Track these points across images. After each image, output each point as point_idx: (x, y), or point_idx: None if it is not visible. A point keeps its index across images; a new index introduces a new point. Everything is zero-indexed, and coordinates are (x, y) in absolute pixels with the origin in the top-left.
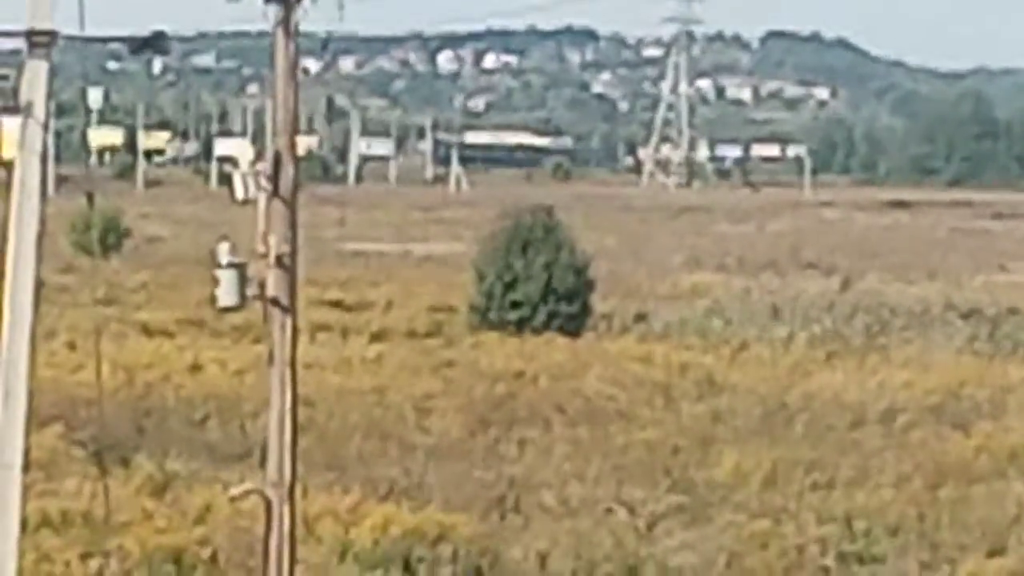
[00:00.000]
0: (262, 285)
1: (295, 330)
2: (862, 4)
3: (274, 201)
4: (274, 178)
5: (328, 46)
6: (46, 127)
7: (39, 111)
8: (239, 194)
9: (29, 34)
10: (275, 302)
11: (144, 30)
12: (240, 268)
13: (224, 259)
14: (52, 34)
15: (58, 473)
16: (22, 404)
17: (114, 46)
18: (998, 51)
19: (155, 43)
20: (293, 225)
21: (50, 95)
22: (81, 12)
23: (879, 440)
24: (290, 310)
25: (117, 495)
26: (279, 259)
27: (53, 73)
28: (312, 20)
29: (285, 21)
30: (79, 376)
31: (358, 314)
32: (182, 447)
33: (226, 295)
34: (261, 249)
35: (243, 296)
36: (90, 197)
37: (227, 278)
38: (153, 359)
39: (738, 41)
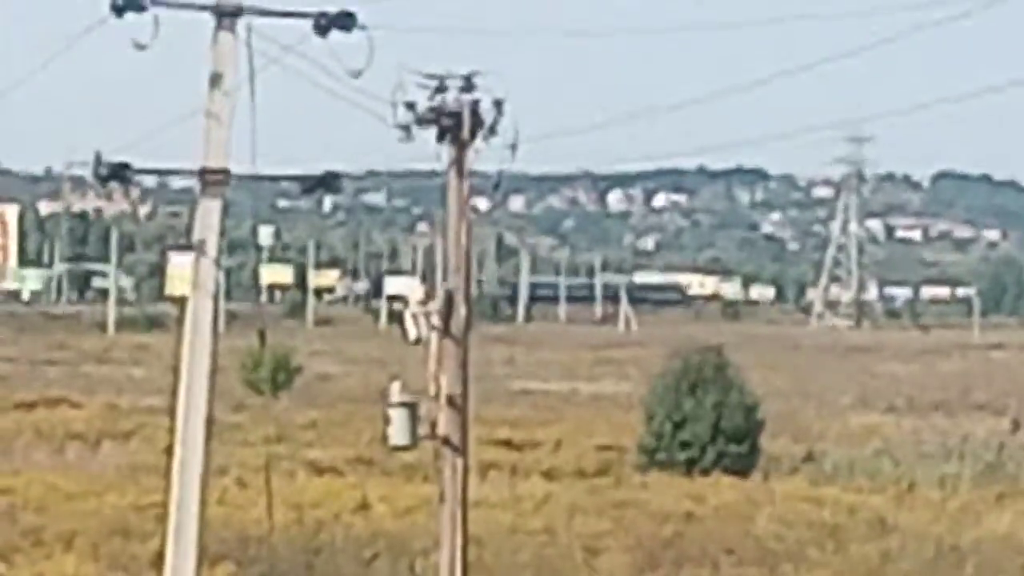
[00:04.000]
0: (433, 424)
1: (466, 470)
2: None
3: (445, 340)
4: (446, 317)
5: (500, 186)
6: (219, 265)
7: (212, 249)
8: (411, 334)
9: (203, 172)
10: (446, 441)
11: (314, 168)
12: (412, 407)
13: (396, 398)
14: (226, 172)
15: None
16: (193, 541)
17: (286, 184)
18: None
19: (327, 183)
20: (464, 365)
21: (223, 233)
22: (254, 151)
23: None
24: (461, 450)
25: None
26: (450, 399)
27: (225, 211)
28: (484, 159)
29: (458, 161)
30: (249, 514)
31: (527, 453)
32: None
33: (398, 434)
34: (432, 389)
35: (415, 435)
36: (262, 335)
37: (399, 417)
38: (322, 497)
39: (908, 181)
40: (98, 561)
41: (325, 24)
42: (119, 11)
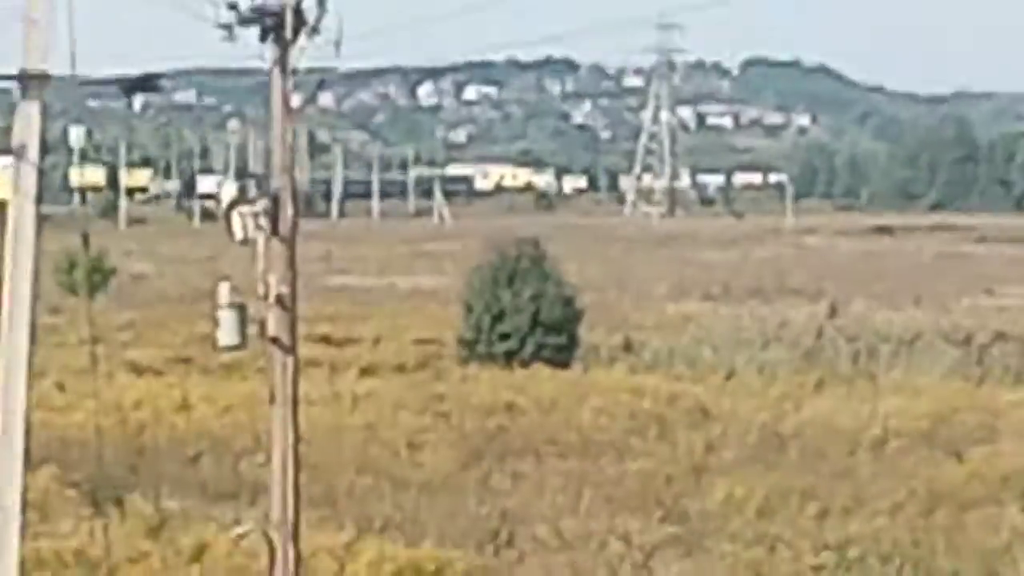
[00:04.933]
0: (263, 325)
1: (296, 370)
2: (841, 30)
3: (273, 241)
4: (273, 218)
5: (323, 84)
6: (41, 170)
7: (33, 153)
8: (238, 234)
9: (22, 76)
10: (276, 341)
11: (129, 68)
12: (241, 308)
13: (225, 299)
14: (45, 76)
15: (53, 514)
16: (19, 447)
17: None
18: (978, 75)
19: (148, 84)
20: (292, 264)
21: (43, 137)
22: (72, 53)
23: (872, 467)
24: (291, 350)
25: (113, 535)
26: (279, 298)
27: (44, 115)
28: (305, 58)
29: (282, 60)
30: (69, 418)
31: (347, 349)
32: (175, 486)
33: (227, 335)
34: (261, 289)
35: (244, 336)
36: (85, 238)
37: (228, 318)
38: (143, 398)
39: (718, 69)
40: None
41: None
42: None
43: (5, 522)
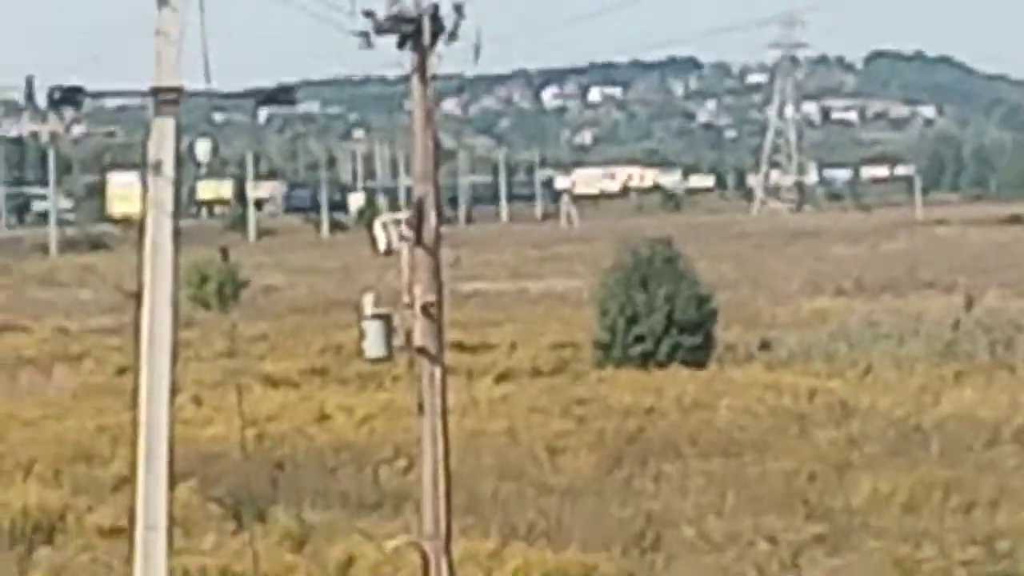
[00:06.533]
0: (409, 335)
1: (444, 379)
2: (964, 20)
3: (417, 250)
4: (417, 227)
5: (465, 88)
6: (177, 185)
7: (168, 169)
8: (381, 245)
9: (156, 91)
10: (423, 352)
11: (245, 80)
12: (386, 319)
13: (370, 311)
14: (179, 91)
15: (195, 530)
16: (163, 465)
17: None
18: None
19: (280, 97)
20: (437, 274)
21: (178, 152)
22: (206, 67)
23: (1016, 458)
24: (438, 360)
25: (257, 549)
26: (424, 308)
27: (178, 130)
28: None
29: (421, 68)
30: (207, 431)
31: (482, 355)
32: (316, 498)
33: (373, 346)
34: (406, 299)
35: (390, 347)
36: (224, 252)
37: (373, 329)
38: (280, 410)
39: (842, 63)
40: (61, 487)
41: None
42: None
43: (153, 541)
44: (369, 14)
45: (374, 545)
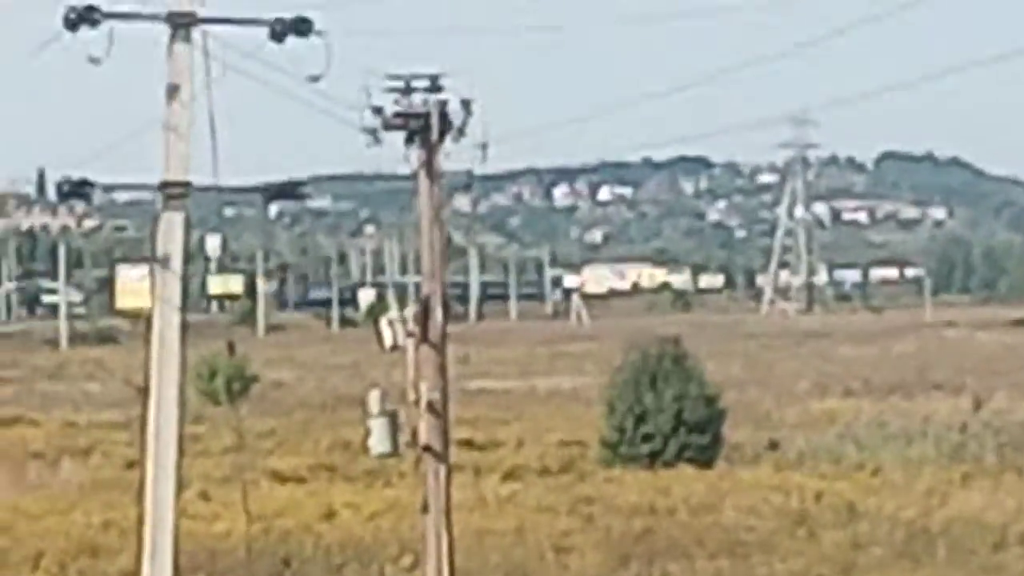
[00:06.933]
0: (414, 432)
1: (449, 476)
2: (974, 122)
3: (423, 347)
4: (423, 324)
5: (471, 186)
6: (185, 279)
7: (176, 263)
8: (387, 341)
9: (164, 185)
10: (428, 449)
11: (266, 175)
12: (392, 415)
13: (375, 407)
14: (187, 185)
15: None
16: (168, 559)
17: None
18: None
19: (289, 192)
20: (443, 371)
21: (187, 246)
22: (215, 163)
23: (1022, 562)
24: (443, 457)
25: None
26: (430, 405)
27: (187, 224)
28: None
29: (428, 163)
30: (214, 526)
31: (489, 452)
32: None
33: (380, 443)
34: (412, 396)
35: (396, 443)
36: (231, 346)
37: (379, 426)
38: (287, 506)
39: (852, 163)
40: None
41: (281, 31)
42: (73, 26)
43: None
44: (378, 110)
45: None
